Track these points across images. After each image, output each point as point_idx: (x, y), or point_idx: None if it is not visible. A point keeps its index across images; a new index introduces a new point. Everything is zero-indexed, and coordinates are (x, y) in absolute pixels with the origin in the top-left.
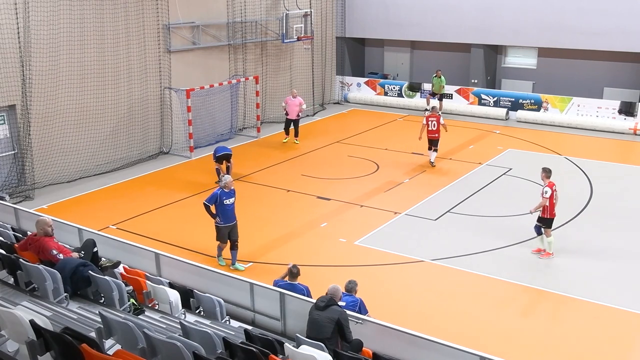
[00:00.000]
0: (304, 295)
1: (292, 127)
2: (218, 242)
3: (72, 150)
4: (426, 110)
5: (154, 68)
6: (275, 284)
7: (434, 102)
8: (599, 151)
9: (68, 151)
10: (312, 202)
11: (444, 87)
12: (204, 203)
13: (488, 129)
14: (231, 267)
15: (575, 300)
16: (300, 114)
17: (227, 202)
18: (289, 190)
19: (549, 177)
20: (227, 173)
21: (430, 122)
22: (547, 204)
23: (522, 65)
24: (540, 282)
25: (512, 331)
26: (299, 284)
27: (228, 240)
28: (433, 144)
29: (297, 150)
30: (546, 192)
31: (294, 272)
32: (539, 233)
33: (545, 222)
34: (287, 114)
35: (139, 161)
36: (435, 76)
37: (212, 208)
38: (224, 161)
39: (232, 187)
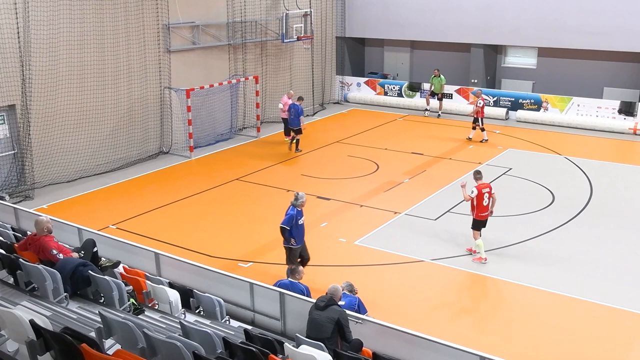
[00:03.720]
0: (303, 294)
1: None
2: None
3: (72, 150)
4: (426, 110)
5: (154, 68)
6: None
7: (434, 102)
8: (599, 151)
9: (68, 151)
10: (312, 202)
11: (444, 86)
12: (281, 226)
13: (488, 129)
14: None
15: (575, 300)
16: None
17: (300, 221)
18: (289, 190)
19: (480, 180)
20: (296, 145)
21: (485, 102)
22: (474, 203)
23: (522, 65)
24: (540, 282)
25: (512, 331)
26: (299, 283)
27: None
28: (482, 121)
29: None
30: (472, 192)
31: (292, 269)
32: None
33: (472, 223)
34: (286, 113)
35: (139, 161)
36: (434, 76)
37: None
38: (291, 132)
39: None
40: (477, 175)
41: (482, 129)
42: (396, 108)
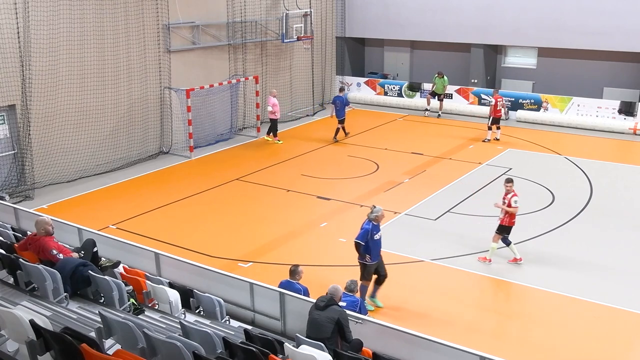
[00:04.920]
0: (300, 294)
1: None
2: (361, 282)
3: (72, 150)
4: (426, 110)
5: (154, 68)
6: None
7: (434, 101)
8: (599, 151)
9: (68, 151)
10: (312, 202)
11: (446, 87)
12: (355, 241)
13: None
14: (369, 299)
15: (575, 300)
16: None
17: (376, 236)
18: (289, 190)
19: (513, 186)
20: (337, 133)
21: (499, 102)
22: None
23: (522, 65)
24: (540, 282)
25: (513, 331)
26: (297, 283)
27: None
28: (497, 122)
29: (297, 150)
30: (515, 201)
31: (291, 270)
32: (508, 244)
33: (504, 230)
34: (275, 114)
35: (139, 161)
36: (437, 77)
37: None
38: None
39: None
40: (511, 182)
41: (489, 128)
42: (396, 108)
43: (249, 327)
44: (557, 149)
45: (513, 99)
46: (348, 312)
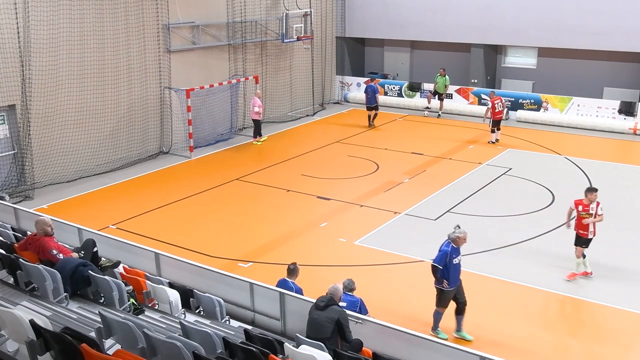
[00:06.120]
0: (292, 292)
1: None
2: (436, 308)
3: (72, 150)
4: (427, 108)
5: (154, 68)
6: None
7: (435, 101)
8: (599, 151)
9: (68, 151)
10: (312, 202)
11: (448, 86)
12: (432, 265)
13: (488, 129)
14: (455, 335)
15: (575, 300)
16: None
17: (455, 260)
18: (289, 190)
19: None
20: (370, 119)
21: (496, 104)
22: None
23: (522, 65)
24: (539, 282)
25: (512, 331)
26: (292, 282)
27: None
28: (498, 124)
29: (297, 150)
30: (601, 208)
31: (289, 269)
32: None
33: (588, 242)
34: (260, 115)
35: (139, 161)
36: (440, 75)
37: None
38: (373, 110)
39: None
40: (596, 190)
41: (492, 131)
42: (396, 108)
43: (249, 327)
44: (557, 149)
45: (513, 99)
46: (348, 312)
